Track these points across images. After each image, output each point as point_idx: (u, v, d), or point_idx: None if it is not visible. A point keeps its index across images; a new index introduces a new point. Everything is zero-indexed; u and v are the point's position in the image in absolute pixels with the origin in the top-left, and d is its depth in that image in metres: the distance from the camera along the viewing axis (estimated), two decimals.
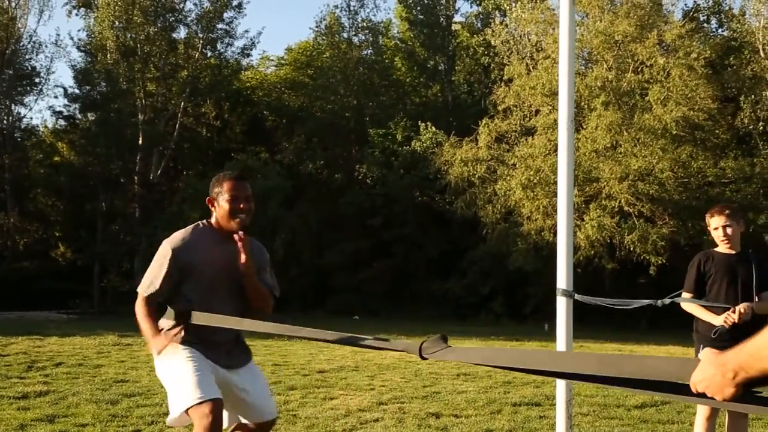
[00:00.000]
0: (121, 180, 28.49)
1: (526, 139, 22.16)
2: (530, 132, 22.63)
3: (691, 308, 4.21)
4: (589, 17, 22.29)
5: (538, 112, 22.45)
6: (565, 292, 3.44)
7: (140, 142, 27.81)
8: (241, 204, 3.20)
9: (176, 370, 3.08)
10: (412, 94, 31.81)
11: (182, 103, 28.92)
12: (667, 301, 4.09)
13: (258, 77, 33.59)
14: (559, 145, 3.56)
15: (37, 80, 29.43)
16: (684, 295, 4.24)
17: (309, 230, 26.93)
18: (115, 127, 27.72)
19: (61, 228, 30.55)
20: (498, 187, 22.00)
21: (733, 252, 4.23)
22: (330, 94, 30.23)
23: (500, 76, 24.61)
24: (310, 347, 11.15)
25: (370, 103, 30.72)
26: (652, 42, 20.79)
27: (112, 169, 28.22)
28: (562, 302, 3.44)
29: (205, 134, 31.31)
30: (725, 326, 3.96)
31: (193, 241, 3.20)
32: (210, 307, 3.13)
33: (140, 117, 28.08)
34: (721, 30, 26.26)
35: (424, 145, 25.39)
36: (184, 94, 28.70)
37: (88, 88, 29.16)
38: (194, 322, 3.13)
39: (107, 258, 27.04)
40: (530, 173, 20.93)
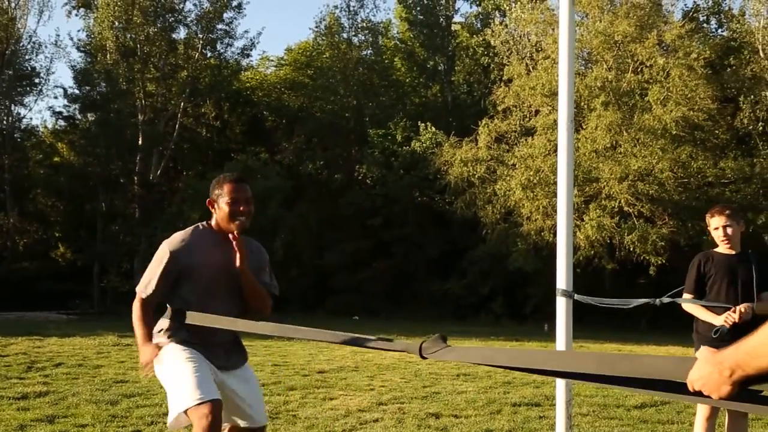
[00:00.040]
0: (121, 180, 28.49)
1: (526, 140, 22.16)
2: (530, 132, 22.63)
3: (691, 308, 4.21)
4: (589, 17, 22.30)
5: (538, 112, 22.45)
6: (565, 293, 3.44)
7: (140, 143, 27.82)
8: (241, 206, 3.21)
9: (175, 370, 3.08)
10: (412, 95, 31.80)
11: (182, 104, 28.93)
12: (665, 300, 4.08)
13: (258, 77, 33.59)
14: (558, 145, 3.56)
15: (37, 81, 29.45)
16: (685, 295, 4.24)
17: (309, 230, 26.92)
18: (115, 128, 27.72)
19: (60, 228, 30.55)
20: (498, 188, 22.00)
21: (733, 252, 4.23)
22: (330, 95, 30.24)
23: (500, 77, 24.61)
24: (309, 348, 11.15)
25: (370, 104, 30.72)
26: (651, 42, 20.80)
27: (111, 170, 28.21)
28: (561, 302, 3.44)
29: (205, 134, 31.31)
30: (726, 326, 3.96)
31: (192, 243, 3.21)
32: (208, 308, 3.13)
33: (140, 117, 28.10)
34: (721, 30, 26.28)
35: (424, 145, 25.38)
36: (184, 94, 28.71)
37: (88, 88, 29.17)
38: (190, 322, 3.14)
39: (107, 258, 27.04)
40: (530, 173, 20.92)
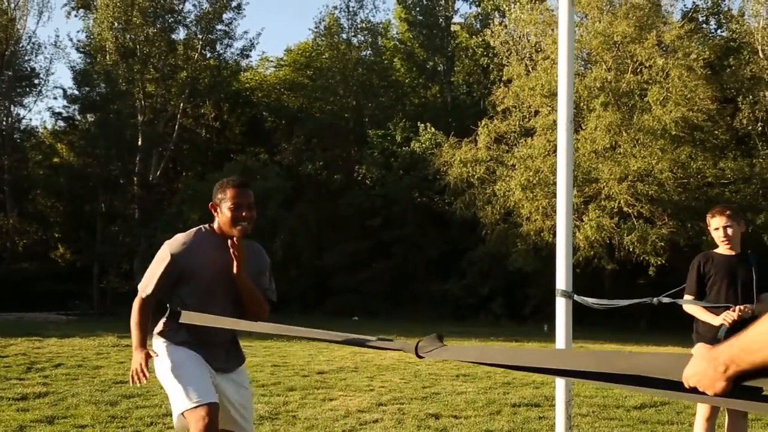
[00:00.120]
0: (121, 181, 28.48)
1: (526, 140, 22.16)
2: (529, 133, 22.64)
3: (691, 309, 4.22)
4: (588, 18, 22.31)
5: (538, 112, 22.45)
6: (565, 293, 3.44)
7: (139, 143, 27.82)
8: (244, 212, 3.22)
9: (174, 372, 3.10)
10: (412, 95, 31.81)
11: (181, 104, 28.94)
12: (664, 299, 4.08)
13: (257, 78, 33.60)
14: (558, 145, 3.56)
15: (37, 81, 29.47)
16: (686, 297, 4.23)
17: (308, 231, 26.92)
18: (115, 128, 27.73)
19: (60, 229, 30.55)
20: (497, 188, 22.01)
21: (733, 253, 4.23)
22: (329, 95, 30.24)
23: (499, 77, 24.62)
24: (309, 348, 11.14)
25: (370, 104, 30.72)
26: (651, 43, 20.81)
27: (111, 170, 28.21)
28: (561, 303, 3.44)
29: (205, 135, 31.31)
30: (726, 324, 3.96)
31: (193, 245, 3.21)
32: (207, 310, 3.14)
33: (139, 118, 28.09)
34: (720, 31, 26.31)
35: (424, 145, 25.38)
36: (184, 95, 28.72)
37: (88, 89, 29.18)
38: (186, 322, 3.15)
39: (106, 259, 27.04)
40: (529, 174, 20.92)
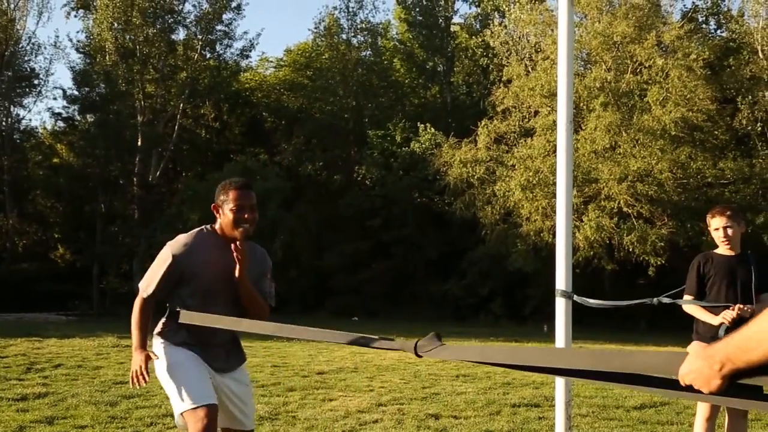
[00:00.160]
0: (120, 181, 28.48)
1: (525, 140, 22.17)
2: (529, 133, 22.64)
3: (690, 309, 4.22)
4: (588, 18, 22.32)
5: (537, 113, 22.46)
6: (564, 293, 3.43)
7: (139, 144, 27.82)
8: (246, 214, 3.21)
9: (173, 373, 3.11)
10: (411, 96, 31.81)
11: (181, 105, 28.94)
12: (664, 299, 4.08)
13: (257, 78, 33.60)
14: (558, 146, 3.56)
15: (36, 82, 29.50)
16: (686, 297, 4.23)
17: (308, 231, 26.92)
18: (114, 129, 27.73)
19: (60, 229, 30.54)
20: (497, 188, 22.01)
21: (733, 253, 4.23)
22: (329, 96, 30.25)
23: (499, 77, 24.62)
24: (309, 349, 11.14)
25: (369, 105, 30.73)
26: (650, 43, 20.82)
27: (111, 171, 28.22)
28: (561, 303, 3.44)
29: (204, 136, 31.31)
30: (726, 323, 3.96)
31: (195, 246, 3.21)
32: (207, 311, 3.14)
33: (139, 118, 28.10)
34: (720, 31, 26.32)
35: (423, 146, 25.38)
36: (183, 95, 28.72)
37: (87, 89, 29.19)
38: (185, 322, 3.15)
39: (106, 259, 27.04)
40: (529, 174, 20.92)
